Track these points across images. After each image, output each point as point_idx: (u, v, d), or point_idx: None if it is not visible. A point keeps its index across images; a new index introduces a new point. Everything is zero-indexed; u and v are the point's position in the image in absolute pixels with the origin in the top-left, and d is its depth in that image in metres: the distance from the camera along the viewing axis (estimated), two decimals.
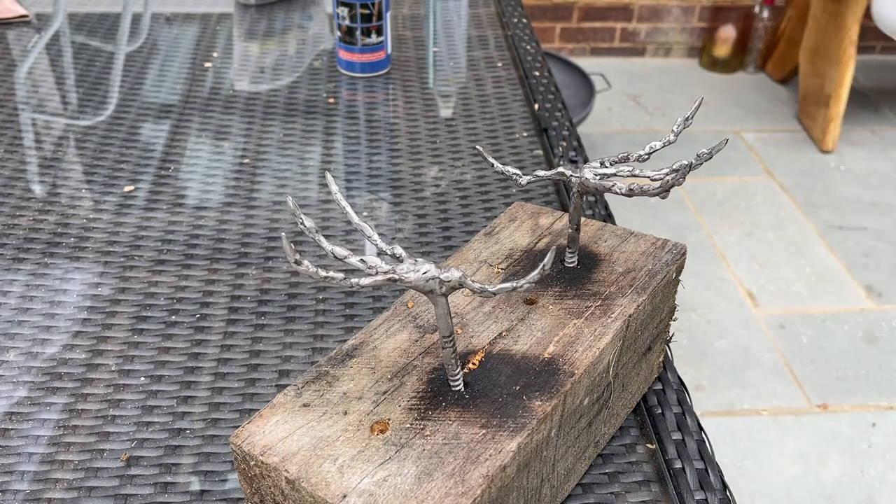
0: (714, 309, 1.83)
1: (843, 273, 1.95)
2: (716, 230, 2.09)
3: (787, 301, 1.86)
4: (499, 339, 0.44)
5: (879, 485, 1.45)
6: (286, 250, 0.34)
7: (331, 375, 0.41)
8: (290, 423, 0.38)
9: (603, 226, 0.53)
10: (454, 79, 1.00)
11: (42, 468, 0.50)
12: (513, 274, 0.49)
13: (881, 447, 1.52)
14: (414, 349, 0.43)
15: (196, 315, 0.62)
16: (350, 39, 0.96)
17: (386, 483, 0.35)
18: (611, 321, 0.45)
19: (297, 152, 0.83)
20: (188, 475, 0.50)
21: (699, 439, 0.53)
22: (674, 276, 0.50)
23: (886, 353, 1.73)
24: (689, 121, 0.46)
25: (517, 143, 0.86)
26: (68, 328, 0.60)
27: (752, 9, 2.82)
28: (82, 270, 0.66)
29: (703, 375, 1.66)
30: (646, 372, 0.53)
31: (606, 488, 0.49)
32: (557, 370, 0.41)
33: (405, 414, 0.39)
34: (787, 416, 1.58)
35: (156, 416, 0.53)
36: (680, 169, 0.41)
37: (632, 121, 2.58)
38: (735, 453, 1.50)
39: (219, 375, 0.57)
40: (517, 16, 1.18)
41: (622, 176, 0.46)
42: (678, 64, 2.98)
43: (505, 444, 0.37)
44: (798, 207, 2.19)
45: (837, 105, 2.37)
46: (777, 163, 2.38)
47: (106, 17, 1.14)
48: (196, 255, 0.68)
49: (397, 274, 0.37)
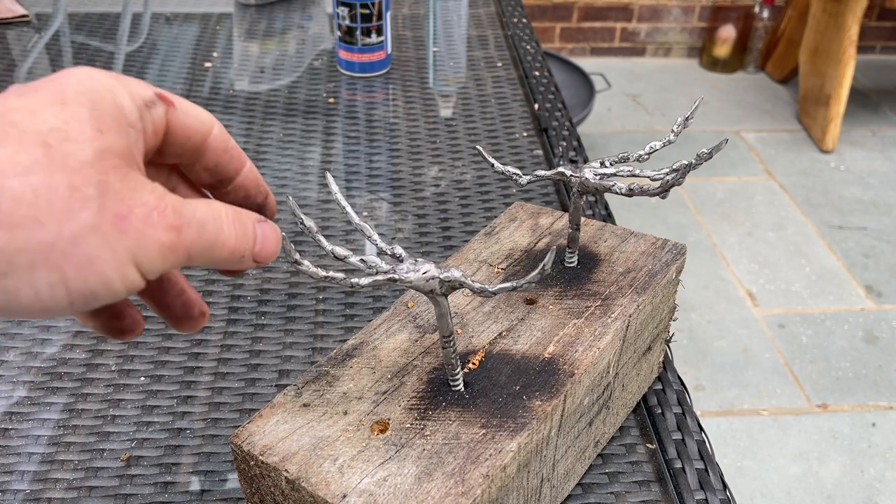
0: (714, 309, 1.83)
1: (843, 273, 1.95)
2: (716, 230, 2.09)
3: (787, 301, 1.86)
4: (499, 339, 0.44)
5: (879, 485, 1.45)
6: (287, 250, 0.34)
7: (331, 375, 0.41)
8: (290, 423, 0.38)
9: (603, 226, 0.53)
10: (454, 79, 1.00)
11: (42, 468, 0.50)
12: (513, 274, 0.49)
13: (881, 447, 1.52)
14: (414, 349, 0.43)
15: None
16: (350, 39, 0.96)
17: (386, 483, 0.35)
18: (611, 321, 0.45)
19: (297, 152, 0.83)
20: (188, 475, 0.50)
21: (699, 439, 0.53)
22: (674, 275, 0.50)
23: (886, 353, 1.73)
24: (689, 121, 0.46)
25: (517, 143, 0.86)
26: (68, 328, 0.60)
27: (752, 9, 2.82)
28: None
29: (703, 375, 1.66)
30: (646, 372, 0.53)
31: (606, 488, 0.49)
32: (557, 370, 0.41)
33: (405, 414, 0.39)
34: (787, 416, 1.58)
35: (156, 416, 0.53)
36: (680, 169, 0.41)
37: (632, 121, 2.58)
38: (735, 453, 1.50)
39: (219, 375, 0.57)
40: (517, 16, 1.18)
41: (622, 176, 0.46)
42: (678, 64, 2.98)
43: (505, 444, 0.37)
44: (798, 207, 2.19)
45: (837, 105, 2.37)
46: (777, 163, 2.38)
47: (106, 16, 1.14)
48: None
49: (397, 274, 0.37)
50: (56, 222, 0.25)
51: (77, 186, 0.26)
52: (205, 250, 0.30)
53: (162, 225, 0.28)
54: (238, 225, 0.31)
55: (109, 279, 0.27)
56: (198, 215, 0.29)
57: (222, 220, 0.30)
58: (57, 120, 0.26)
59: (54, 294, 0.26)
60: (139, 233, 0.27)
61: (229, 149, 0.34)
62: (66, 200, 0.26)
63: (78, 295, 0.26)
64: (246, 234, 0.31)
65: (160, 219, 0.28)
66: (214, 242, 0.30)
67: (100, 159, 0.27)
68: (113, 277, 0.27)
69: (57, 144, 0.26)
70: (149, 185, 0.28)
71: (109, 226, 0.26)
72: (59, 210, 0.25)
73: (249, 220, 0.32)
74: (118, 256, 0.27)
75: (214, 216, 0.30)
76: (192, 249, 0.29)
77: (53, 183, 0.25)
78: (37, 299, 0.26)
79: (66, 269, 0.26)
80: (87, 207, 0.26)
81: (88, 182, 0.26)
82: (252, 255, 0.32)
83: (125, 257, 0.27)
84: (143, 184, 0.28)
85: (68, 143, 0.26)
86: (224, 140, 0.34)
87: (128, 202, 0.27)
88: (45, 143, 0.26)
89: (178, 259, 0.29)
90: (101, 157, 0.27)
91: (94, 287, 0.27)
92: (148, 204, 0.28)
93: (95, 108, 0.27)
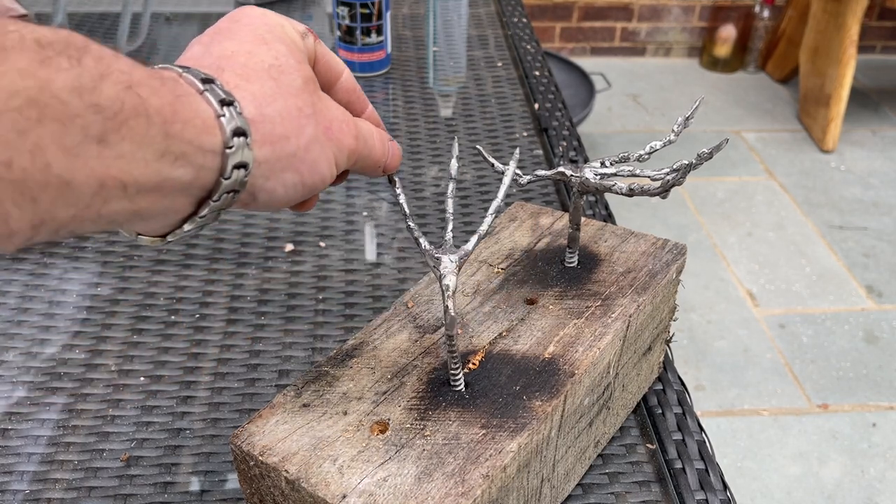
0: (714, 309, 1.83)
1: (844, 273, 1.95)
2: (716, 230, 2.09)
3: (788, 301, 1.86)
4: (499, 339, 0.44)
5: (879, 485, 1.45)
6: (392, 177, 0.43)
7: (331, 375, 0.41)
8: (289, 423, 0.38)
9: (603, 226, 0.53)
10: (454, 79, 1.00)
11: (42, 468, 0.50)
12: (513, 274, 0.49)
13: (881, 447, 1.52)
14: (414, 349, 0.43)
15: (196, 315, 0.62)
16: (350, 39, 0.96)
17: (386, 483, 0.35)
18: (611, 321, 0.45)
19: None
20: (188, 475, 0.49)
21: (699, 439, 0.53)
22: (674, 275, 0.50)
23: (887, 353, 1.73)
24: (689, 120, 0.46)
25: (517, 142, 0.86)
26: (68, 328, 0.60)
27: (753, 8, 2.82)
28: (82, 270, 0.66)
29: (703, 375, 1.66)
30: (646, 372, 0.53)
31: (607, 489, 0.49)
32: (558, 370, 0.41)
33: (405, 414, 0.39)
34: (788, 416, 1.58)
35: (156, 416, 0.53)
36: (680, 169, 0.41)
37: (632, 121, 2.58)
38: (735, 453, 1.50)
39: (219, 375, 0.57)
40: (517, 15, 1.18)
41: (622, 176, 0.46)
42: (678, 64, 2.98)
43: (505, 445, 0.37)
44: (798, 207, 2.19)
45: (838, 105, 2.37)
46: (777, 163, 2.38)
47: (106, 16, 1.14)
48: (195, 255, 0.68)
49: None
50: (296, 136, 0.34)
51: (301, 108, 0.34)
52: (363, 157, 0.39)
53: (349, 134, 0.37)
54: (382, 143, 0.40)
55: (325, 175, 0.36)
56: (364, 130, 0.39)
57: (374, 137, 0.39)
58: (270, 57, 0.34)
59: (296, 190, 0.35)
60: (338, 140, 0.36)
61: (357, 90, 0.41)
62: (297, 119, 0.34)
63: (309, 189, 0.35)
64: (384, 148, 0.40)
65: (348, 129, 0.37)
66: (370, 152, 0.39)
67: (305, 85, 0.35)
68: (326, 174, 0.36)
69: (278, 77, 0.34)
70: (333, 103, 0.37)
71: (322, 135, 0.35)
72: (296, 127, 0.34)
73: (386, 138, 0.41)
74: (329, 158, 0.36)
75: (370, 133, 0.39)
76: (359, 154, 0.38)
77: (288, 107, 0.33)
78: (285, 194, 0.34)
79: (302, 171, 0.34)
80: (309, 123, 0.34)
81: (306, 104, 0.34)
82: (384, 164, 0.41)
83: (332, 158, 0.36)
84: (330, 102, 0.37)
85: (284, 74, 0.34)
86: (353, 83, 0.41)
87: (328, 116, 0.36)
88: (272, 77, 0.33)
89: (351, 160, 0.38)
90: (305, 83, 0.35)
91: (317, 181, 0.35)
92: (339, 118, 0.37)
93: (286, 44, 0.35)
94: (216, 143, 0.30)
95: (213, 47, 0.34)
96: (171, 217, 0.31)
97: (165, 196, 0.29)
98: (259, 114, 0.32)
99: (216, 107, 0.30)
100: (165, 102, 0.28)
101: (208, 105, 0.30)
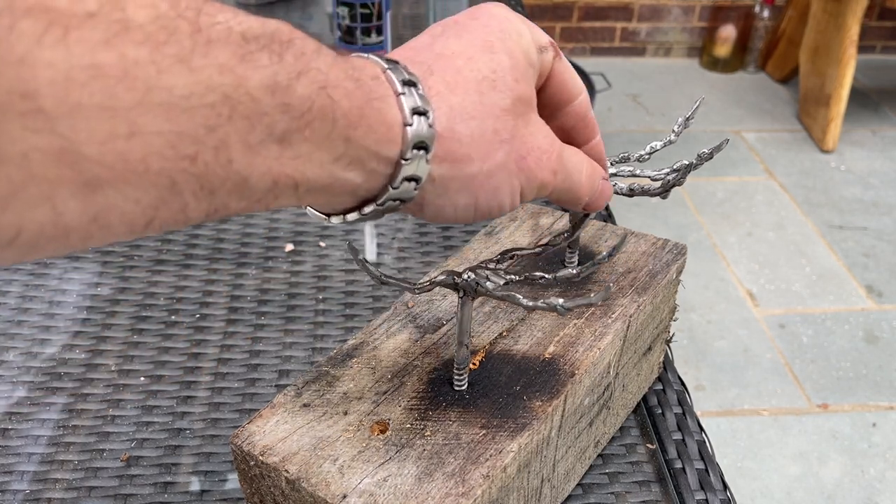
0: (714, 309, 1.83)
1: (844, 273, 1.95)
2: (716, 230, 2.09)
3: (788, 301, 1.86)
4: (499, 339, 0.44)
5: (879, 485, 1.45)
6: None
7: (331, 375, 0.41)
8: (290, 423, 0.38)
9: (603, 226, 0.53)
10: None
11: (42, 468, 0.50)
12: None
13: (881, 447, 1.52)
14: (414, 349, 0.43)
15: (196, 315, 0.62)
16: (350, 39, 0.96)
17: (386, 483, 0.35)
18: (611, 321, 0.45)
19: None
20: (188, 475, 0.49)
21: (699, 439, 0.53)
22: (674, 276, 0.50)
23: (886, 353, 1.73)
24: (689, 121, 0.46)
25: None
26: (68, 328, 0.60)
27: (753, 8, 2.82)
28: (82, 270, 0.66)
29: (703, 375, 1.66)
30: (646, 372, 0.53)
31: (607, 489, 0.49)
32: (558, 370, 0.41)
33: (405, 414, 0.39)
34: (788, 416, 1.58)
35: (156, 416, 0.53)
36: (680, 169, 0.41)
37: (632, 121, 2.58)
38: (735, 453, 1.50)
39: (219, 375, 0.57)
40: None
41: (622, 176, 0.46)
42: (678, 64, 2.98)
43: (505, 445, 0.37)
44: (798, 207, 2.19)
45: (838, 105, 2.37)
46: (777, 162, 2.38)
47: None
48: (195, 255, 0.68)
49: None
50: (480, 160, 0.31)
51: (498, 131, 0.32)
52: (562, 193, 0.36)
53: (547, 168, 0.34)
54: (590, 180, 0.37)
55: (503, 204, 0.34)
56: (569, 165, 0.35)
57: (583, 173, 0.36)
58: (487, 68, 0.32)
59: (467, 212, 0.33)
60: (531, 172, 0.34)
61: (587, 118, 0.38)
62: (490, 143, 0.32)
63: (481, 214, 0.33)
64: (592, 188, 0.37)
65: (547, 163, 0.34)
66: (570, 189, 0.36)
67: (514, 106, 0.32)
68: (506, 203, 0.34)
69: (486, 92, 0.31)
70: (543, 129, 0.34)
71: (513, 164, 0.33)
72: (484, 150, 0.31)
73: (598, 175, 0.38)
74: (513, 188, 0.33)
75: (578, 168, 0.36)
76: (555, 190, 0.36)
77: (483, 128, 0.31)
78: (454, 214, 0.33)
79: (479, 195, 0.32)
80: (502, 149, 0.32)
81: (505, 127, 0.32)
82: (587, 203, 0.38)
83: (517, 189, 0.34)
84: (539, 128, 0.34)
85: (494, 91, 0.32)
86: (586, 109, 0.38)
87: (528, 145, 0.33)
88: (479, 91, 0.31)
89: (543, 194, 0.35)
90: (515, 104, 0.32)
91: (492, 208, 0.33)
92: (541, 148, 0.34)
93: (513, 56, 0.32)
94: (394, 153, 0.29)
95: (438, 42, 0.32)
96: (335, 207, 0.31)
97: (332, 196, 0.29)
98: (449, 128, 0.30)
99: (406, 114, 0.29)
100: (355, 106, 0.27)
101: (399, 111, 0.29)
